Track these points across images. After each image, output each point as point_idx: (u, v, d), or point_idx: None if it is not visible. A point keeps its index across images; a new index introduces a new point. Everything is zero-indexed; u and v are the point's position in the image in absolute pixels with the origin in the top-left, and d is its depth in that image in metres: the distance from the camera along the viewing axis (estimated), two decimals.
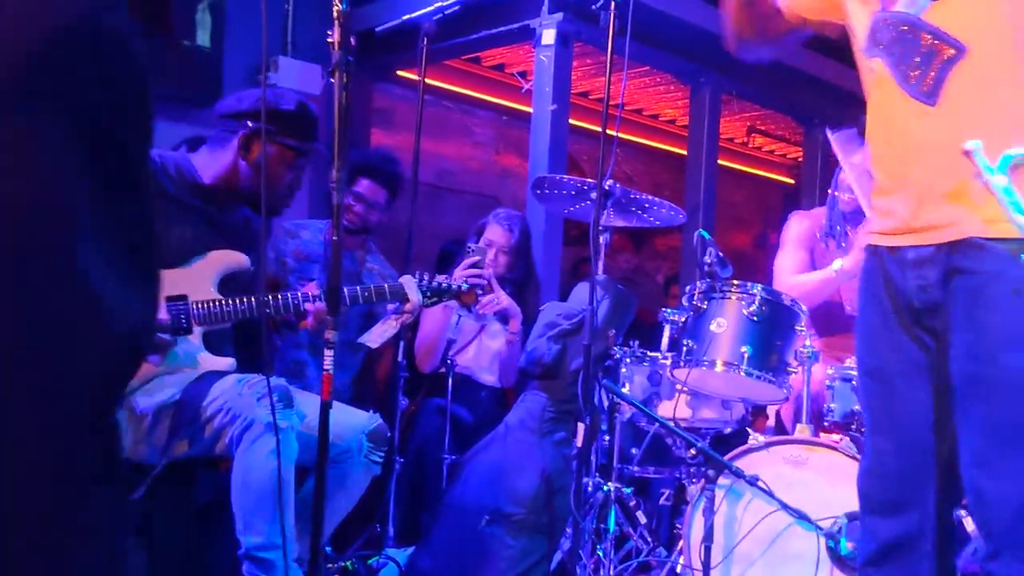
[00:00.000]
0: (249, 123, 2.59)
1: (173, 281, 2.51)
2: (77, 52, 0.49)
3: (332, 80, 1.82)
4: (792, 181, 7.70)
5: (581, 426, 2.72)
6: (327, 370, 1.81)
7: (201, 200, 2.59)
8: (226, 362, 2.50)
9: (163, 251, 2.50)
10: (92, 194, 0.53)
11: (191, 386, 2.39)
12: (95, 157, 0.53)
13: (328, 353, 1.81)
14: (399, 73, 5.14)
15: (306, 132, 2.65)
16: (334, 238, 1.78)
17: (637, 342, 3.28)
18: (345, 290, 2.61)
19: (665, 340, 3.27)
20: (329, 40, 1.84)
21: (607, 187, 3.00)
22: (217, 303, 2.51)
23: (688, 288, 3.10)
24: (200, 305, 2.50)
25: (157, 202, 2.47)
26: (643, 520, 3.22)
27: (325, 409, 1.81)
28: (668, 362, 3.09)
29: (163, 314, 2.46)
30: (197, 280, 2.54)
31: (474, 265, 3.27)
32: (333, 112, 1.83)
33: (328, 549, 3.66)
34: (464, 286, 2.86)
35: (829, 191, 3.58)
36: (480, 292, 3.49)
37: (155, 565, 2.46)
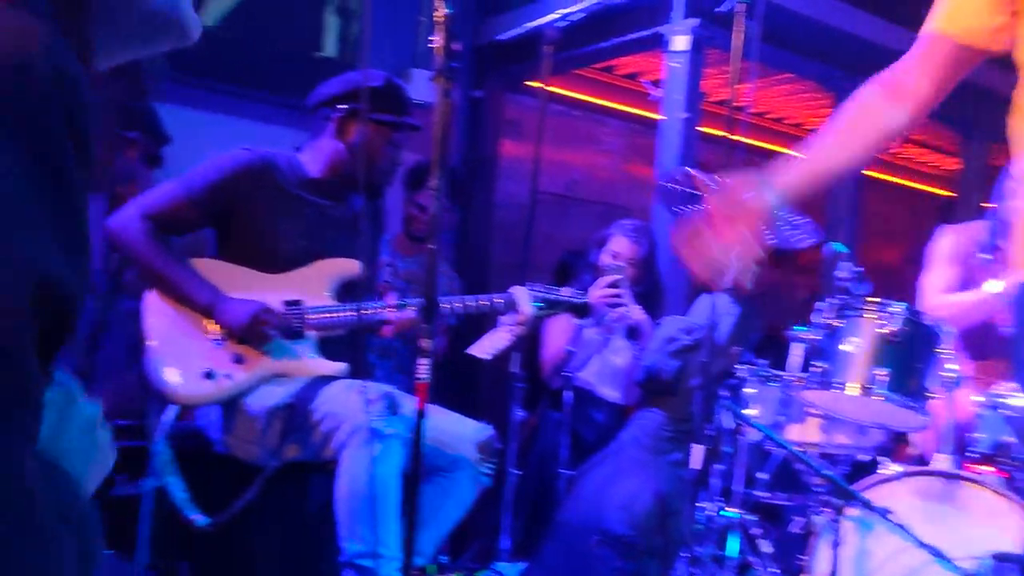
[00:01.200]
0: (342, 106, 2.61)
1: (290, 285, 2.54)
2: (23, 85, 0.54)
3: (422, 71, 1.78)
4: (947, 193, 7.23)
5: (697, 447, 2.59)
6: (420, 379, 1.77)
7: (313, 194, 2.62)
8: (337, 366, 2.51)
9: (280, 249, 2.54)
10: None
11: (302, 390, 2.41)
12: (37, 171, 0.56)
13: (423, 362, 1.77)
14: (529, 83, 5.12)
15: (398, 106, 2.64)
16: (431, 246, 1.74)
17: (767, 361, 3.10)
18: (456, 301, 2.58)
19: (796, 359, 3.09)
20: (432, 46, 1.81)
21: None
22: (332, 309, 2.53)
23: (821, 305, 2.91)
24: (315, 311, 2.52)
25: (273, 197, 2.55)
26: (768, 549, 3.04)
27: (420, 417, 1.77)
28: (800, 383, 2.91)
29: (279, 317, 2.50)
30: (313, 285, 2.57)
31: (612, 284, 3.18)
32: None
33: (444, 558, 3.66)
34: (580, 299, 2.78)
35: (989, 203, 3.31)
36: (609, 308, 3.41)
37: (264, 567, 2.49)
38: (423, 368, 1.76)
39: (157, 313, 2.51)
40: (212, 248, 2.65)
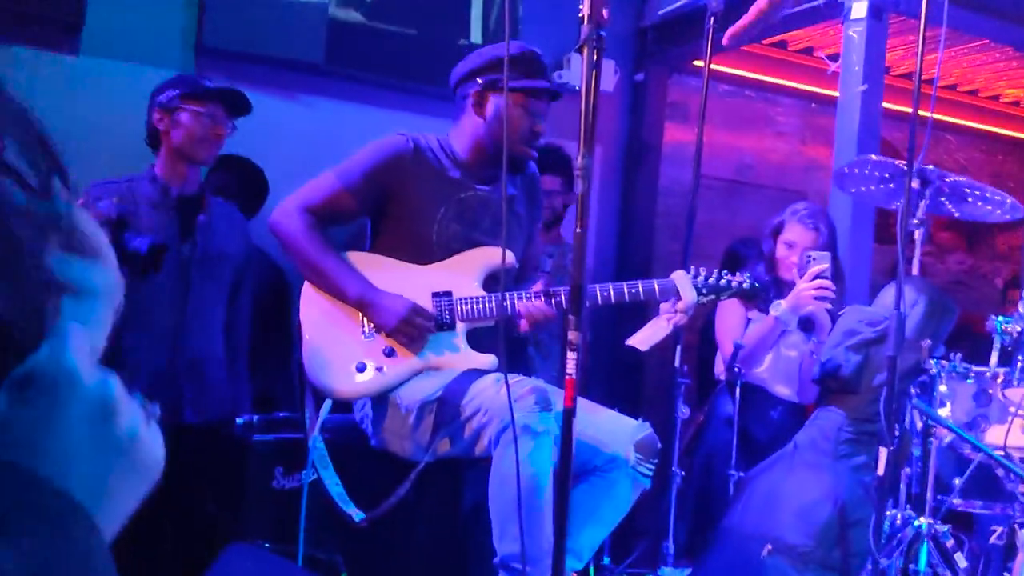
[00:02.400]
0: (478, 80, 2.53)
1: (440, 275, 2.49)
2: None
3: (580, 55, 1.65)
4: None
5: (884, 451, 2.34)
6: (570, 374, 1.65)
7: (466, 176, 2.55)
8: (487, 359, 2.43)
9: (435, 234, 2.48)
10: None
11: (452, 383, 2.34)
12: None
13: (571, 356, 1.65)
14: (695, 63, 4.89)
15: (531, 72, 2.52)
16: (577, 230, 1.62)
17: (960, 355, 2.80)
18: (610, 288, 2.44)
19: (995, 354, 2.76)
20: (580, 14, 1.68)
21: (923, 171, 2.58)
22: (481, 300, 2.45)
23: None
24: (464, 301, 2.46)
25: (428, 181, 2.50)
26: (963, 563, 2.74)
27: (568, 417, 1.65)
28: (999, 380, 2.61)
29: (428, 308, 2.45)
30: (463, 275, 2.50)
31: (820, 275, 2.95)
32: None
33: (607, 561, 3.53)
34: (749, 284, 2.57)
35: None
36: (779, 296, 3.18)
37: (417, 564, 2.45)
38: (571, 363, 1.64)
39: (312, 305, 2.51)
40: (368, 239, 2.64)
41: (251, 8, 3.74)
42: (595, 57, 1.65)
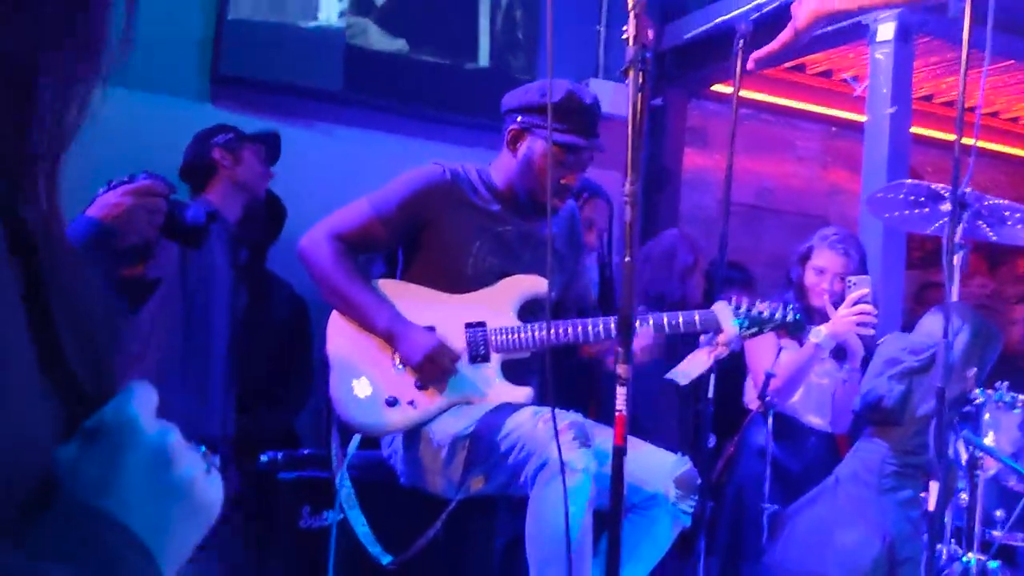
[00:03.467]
0: (518, 117, 2.46)
1: (473, 305, 2.42)
2: None
3: (626, 82, 1.59)
4: None
5: (933, 485, 2.25)
6: (620, 411, 1.57)
7: (504, 209, 2.49)
8: (523, 392, 2.35)
9: (469, 266, 2.42)
10: None
11: (486, 418, 2.26)
12: None
13: (621, 391, 1.57)
14: (714, 88, 4.84)
15: (573, 124, 2.40)
16: (627, 259, 1.54)
17: (1006, 383, 2.71)
18: (650, 319, 2.37)
19: None
20: (624, 37, 1.62)
21: (962, 195, 2.51)
22: (516, 330, 2.37)
23: None
24: (499, 332, 2.38)
25: (463, 213, 2.43)
26: None
27: (619, 455, 1.57)
28: None
29: (461, 341, 2.37)
30: (497, 305, 2.42)
31: (861, 300, 2.86)
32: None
33: None
34: (792, 316, 2.49)
35: None
36: (809, 323, 3.10)
37: None
38: (620, 398, 1.56)
39: (341, 337, 2.43)
40: (400, 268, 2.57)
41: (268, 36, 3.70)
42: (640, 80, 1.58)
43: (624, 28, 1.60)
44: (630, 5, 1.55)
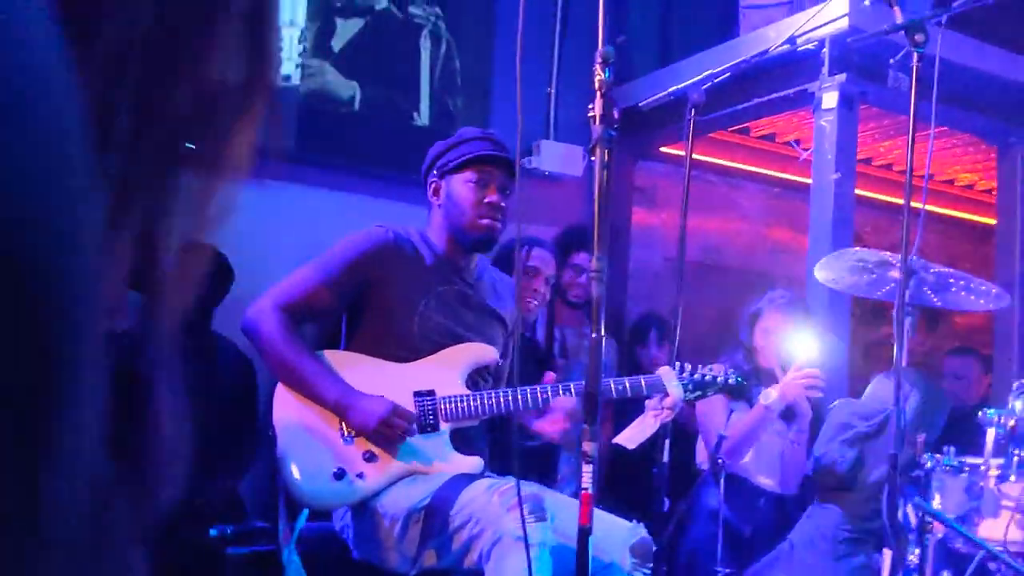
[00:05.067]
0: (433, 171, 2.54)
1: (420, 373, 2.39)
2: None
3: (592, 158, 1.59)
4: None
5: (887, 551, 2.26)
6: (586, 488, 1.54)
7: (445, 267, 2.49)
8: (473, 462, 2.32)
9: (417, 329, 2.40)
10: None
11: (440, 491, 2.22)
12: None
13: (587, 468, 1.55)
14: (662, 149, 4.92)
15: (478, 145, 2.51)
16: (594, 335, 1.53)
17: (953, 448, 2.75)
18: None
19: (989, 445, 2.72)
20: (591, 114, 1.63)
21: (912, 263, 2.57)
22: (465, 399, 2.35)
23: (1018, 385, 2.56)
24: (448, 401, 2.35)
25: (409, 274, 2.43)
26: None
27: (584, 537, 1.54)
28: (994, 473, 2.56)
29: (411, 408, 2.34)
30: (445, 373, 2.40)
31: (808, 364, 2.89)
32: (588, 191, 1.60)
33: None
34: (735, 379, 2.51)
35: None
36: (759, 384, 3.13)
37: None
38: (587, 476, 1.54)
39: (287, 408, 2.38)
40: (343, 337, 2.53)
41: None
42: (606, 157, 1.59)
43: (591, 106, 1.61)
44: (596, 85, 1.57)
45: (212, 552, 2.41)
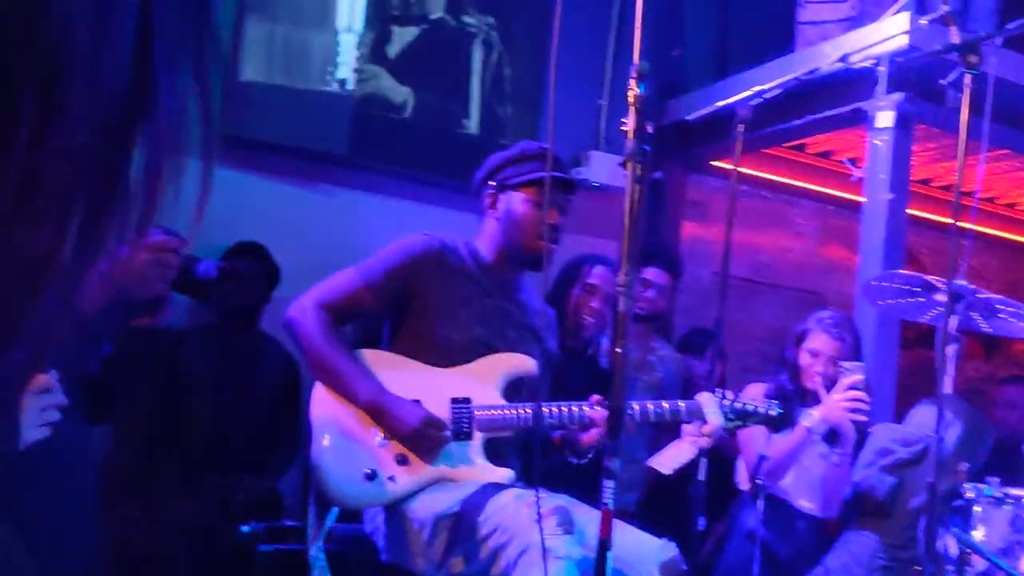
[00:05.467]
0: (491, 182, 2.54)
1: (459, 380, 2.40)
2: None
3: (625, 171, 1.60)
4: None
5: None
6: (606, 504, 1.54)
7: (489, 280, 2.50)
8: (504, 473, 2.32)
9: (456, 338, 2.41)
10: None
11: (469, 498, 2.23)
12: None
13: (608, 484, 1.55)
14: (714, 163, 4.89)
15: (537, 165, 2.49)
16: (618, 349, 1.53)
17: (997, 479, 2.68)
18: (635, 406, 2.35)
19: None
20: (623, 128, 1.63)
21: (958, 287, 2.51)
22: (500, 409, 2.36)
23: None
24: (483, 410, 2.36)
25: (452, 283, 2.45)
26: None
27: (603, 550, 1.54)
28: None
29: (446, 416, 2.35)
30: (483, 381, 2.41)
31: (853, 387, 2.84)
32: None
33: None
34: (776, 411, 2.48)
35: None
36: (802, 405, 3.09)
37: None
38: (607, 492, 1.54)
39: (324, 406, 2.41)
40: (385, 339, 2.56)
41: (275, 99, 3.74)
42: (639, 172, 1.59)
43: (623, 121, 1.61)
44: (630, 99, 1.57)
45: (243, 548, 2.46)
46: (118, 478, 3.04)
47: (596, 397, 2.43)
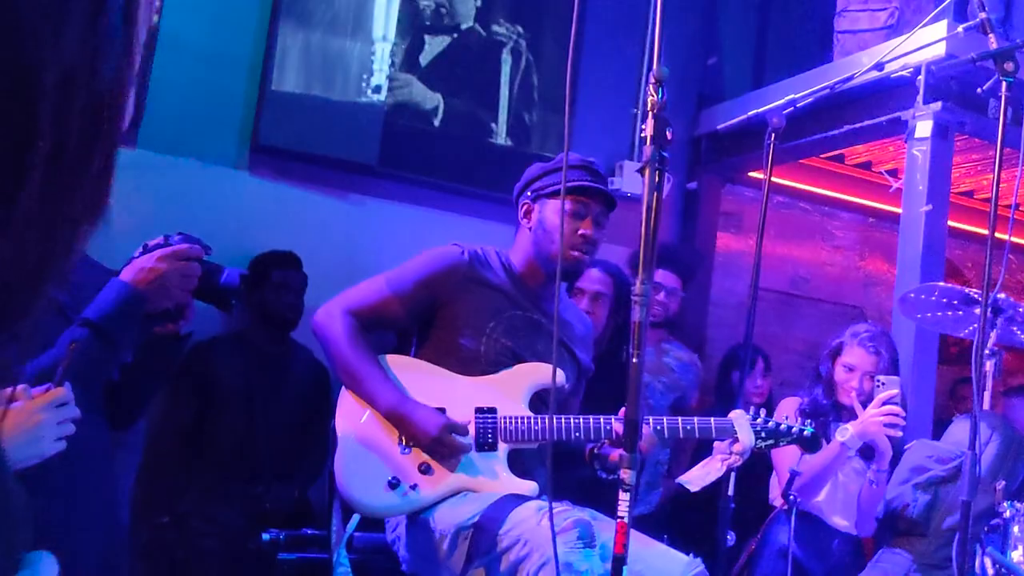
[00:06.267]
0: (528, 192, 2.53)
1: (485, 389, 2.38)
2: None
3: (643, 178, 1.57)
4: None
5: None
6: (621, 517, 1.51)
7: (519, 292, 2.48)
8: (528, 486, 2.30)
9: (484, 350, 2.40)
10: None
11: (489, 509, 2.21)
12: None
13: (624, 497, 1.52)
14: (750, 175, 4.83)
15: (577, 175, 2.47)
16: (634, 360, 1.51)
17: None
18: (664, 422, 2.32)
19: None
20: (642, 135, 1.61)
21: (995, 300, 2.44)
22: (526, 420, 2.33)
23: None
24: (509, 420, 2.34)
25: (481, 296, 2.43)
26: None
27: (618, 566, 1.51)
28: None
29: (470, 426, 2.34)
30: (509, 391, 2.39)
31: (889, 401, 2.79)
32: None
33: None
34: (810, 432, 2.43)
35: None
36: (837, 420, 3.03)
37: None
38: (623, 505, 1.51)
39: (350, 412, 2.41)
40: (414, 346, 2.55)
41: (308, 109, 3.76)
42: (656, 179, 1.56)
43: (643, 127, 1.59)
44: (650, 105, 1.55)
45: (265, 556, 2.46)
46: (150, 486, 3.08)
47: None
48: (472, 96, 4.11)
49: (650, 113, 1.56)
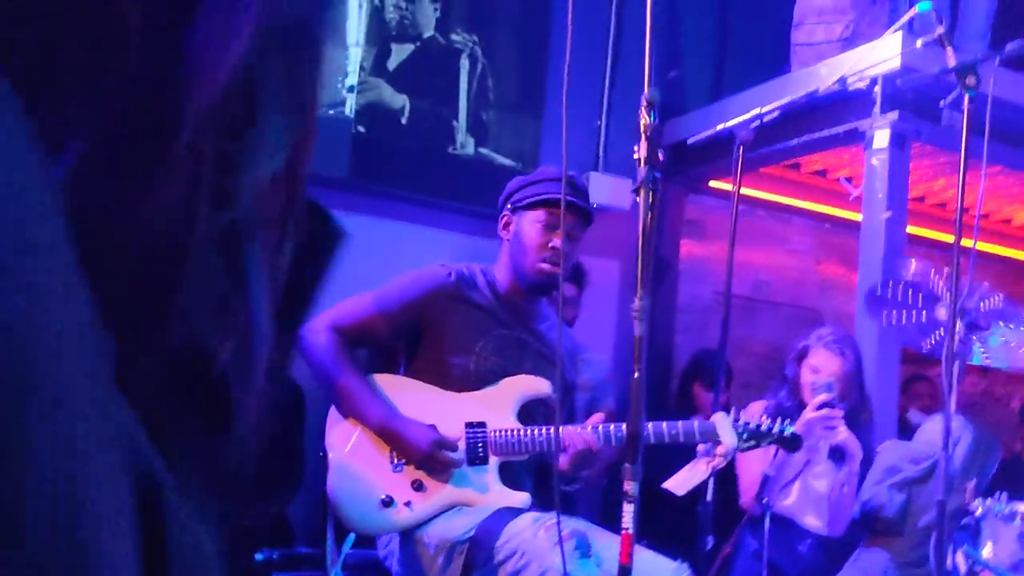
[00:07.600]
0: (508, 205, 2.56)
1: (473, 404, 2.41)
2: None
3: (637, 199, 1.62)
4: None
5: None
6: (626, 529, 1.56)
7: (505, 311, 2.51)
8: (520, 497, 2.33)
9: (472, 368, 2.42)
10: None
11: (485, 523, 2.24)
12: None
13: (628, 508, 1.56)
14: (712, 184, 4.93)
15: (551, 186, 2.50)
16: (635, 376, 1.55)
17: (1004, 494, 2.70)
18: (649, 427, 2.36)
19: None
20: (636, 156, 1.66)
21: (963, 305, 2.53)
22: (516, 432, 2.37)
23: None
24: (498, 433, 2.37)
25: (467, 315, 2.46)
26: None
27: (624, 575, 1.55)
28: None
29: (460, 441, 2.36)
30: (497, 405, 2.42)
31: (826, 404, 2.90)
32: (637, 225, 1.63)
33: None
34: (791, 432, 2.50)
35: None
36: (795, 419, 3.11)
37: None
38: (627, 515, 1.55)
39: (340, 430, 2.42)
40: (403, 364, 2.57)
41: None
42: (651, 199, 1.61)
43: (636, 148, 1.64)
44: (642, 128, 1.60)
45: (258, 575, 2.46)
46: None
47: (599, 415, 2.44)
48: (435, 97, 4.40)
49: (643, 135, 1.60)
